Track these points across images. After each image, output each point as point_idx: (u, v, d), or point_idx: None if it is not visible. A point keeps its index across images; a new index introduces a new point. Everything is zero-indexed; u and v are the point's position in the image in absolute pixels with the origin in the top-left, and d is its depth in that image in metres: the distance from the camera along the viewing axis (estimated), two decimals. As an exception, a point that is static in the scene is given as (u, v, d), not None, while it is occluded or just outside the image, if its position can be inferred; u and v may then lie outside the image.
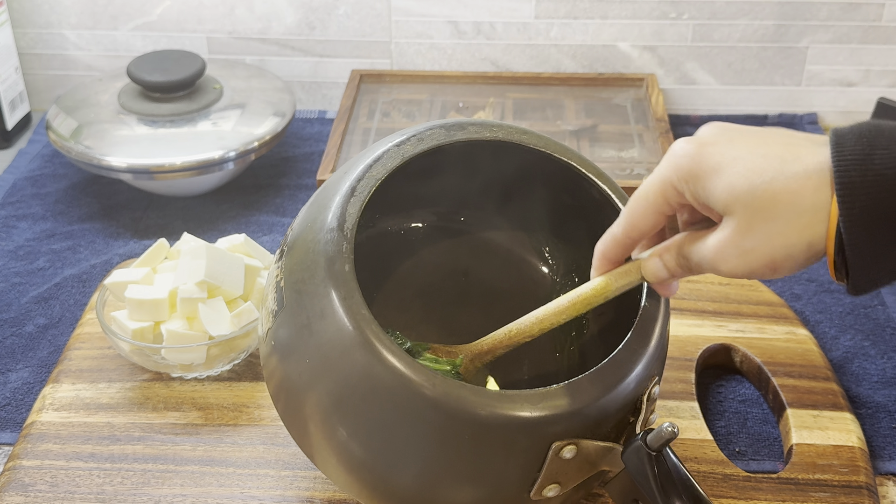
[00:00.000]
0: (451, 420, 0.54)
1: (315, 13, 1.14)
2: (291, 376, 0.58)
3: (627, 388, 0.56)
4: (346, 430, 0.56)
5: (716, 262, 0.51)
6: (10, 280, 0.92)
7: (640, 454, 0.55)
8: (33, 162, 1.10)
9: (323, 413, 0.56)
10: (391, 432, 0.55)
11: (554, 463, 0.55)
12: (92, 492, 0.68)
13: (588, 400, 0.55)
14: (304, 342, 0.56)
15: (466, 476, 0.56)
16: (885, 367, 0.80)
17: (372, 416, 0.55)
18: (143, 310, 0.74)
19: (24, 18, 1.16)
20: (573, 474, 0.57)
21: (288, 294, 0.58)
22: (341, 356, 0.55)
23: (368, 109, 1.09)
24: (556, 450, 0.55)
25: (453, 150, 0.63)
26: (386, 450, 0.56)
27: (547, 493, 0.57)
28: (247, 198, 1.03)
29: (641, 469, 0.55)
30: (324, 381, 0.56)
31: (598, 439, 0.56)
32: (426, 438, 0.55)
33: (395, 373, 0.53)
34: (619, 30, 1.13)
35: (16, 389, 0.79)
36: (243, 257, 0.78)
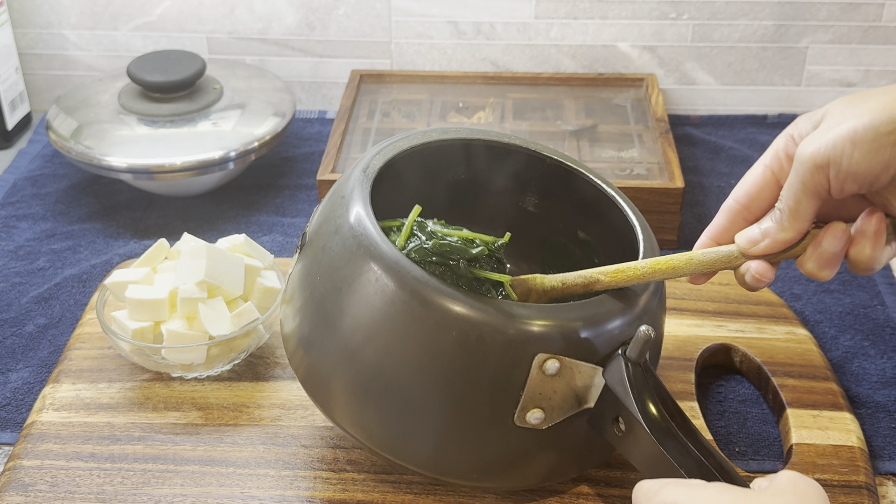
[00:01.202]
0: (439, 320, 0.56)
1: (315, 13, 1.15)
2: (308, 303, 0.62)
3: (615, 322, 0.59)
4: (346, 322, 0.59)
5: (801, 148, 0.54)
6: (10, 280, 0.92)
7: (618, 366, 0.58)
8: (33, 162, 1.10)
9: (325, 311, 0.61)
10: (383, 334, 0.58)
11: (537, 378, 0.57)
12: (92, 492, 0.68)
13: (573, 320, 0.57)
14: (317, 262, 0.62)
15: (453, 384, 0.57)
16: (885, 367, 0.80)
17: (366, 314, 0.58)
18: (143, 310, 0.74)
19: (24, 18, 1.16)
20: (557, 401, 0.58)
21: (308, 240, 0.64)
22: (345, 260, 0.60)
23: (368, 109, 1.09)
24: (539, 362, 0.57)
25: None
26: (383, 345, 0.58)
27: (530, 419, 0.58)
28: (247, 198, 1.03)
29: (620, 379, 0.57)
30: (329, 288, 0.60)
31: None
32: (417, 334, 0.57)
33: (385, 267, 0.58)
34: (619, 30, 1.13)
35: (16, 389, 0.79)
36: (243, 257, 0.78)
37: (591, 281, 0.62)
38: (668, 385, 0.75)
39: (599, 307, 0.59)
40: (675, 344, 0.79)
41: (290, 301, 0.65)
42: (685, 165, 1.06)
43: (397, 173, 0.67)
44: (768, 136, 1.13)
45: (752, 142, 1.12)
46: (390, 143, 0.67)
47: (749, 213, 0.60)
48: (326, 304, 0.60)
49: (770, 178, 0.59)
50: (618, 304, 0.60)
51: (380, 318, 0.58)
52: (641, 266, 0.61)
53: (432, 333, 0.57)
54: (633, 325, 0.60)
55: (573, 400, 0.59)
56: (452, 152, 0.70)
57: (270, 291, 0.78)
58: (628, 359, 0.58)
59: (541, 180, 0.73)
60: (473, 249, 0.62)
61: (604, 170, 0.98)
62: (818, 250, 0.56)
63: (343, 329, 0.59)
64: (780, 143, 0.59)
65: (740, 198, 0.60)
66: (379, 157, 0.66)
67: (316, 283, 0.61)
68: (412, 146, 0.67)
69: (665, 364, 0.77)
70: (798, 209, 0.55)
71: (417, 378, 0.58)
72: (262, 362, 0.79)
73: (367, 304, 0.58)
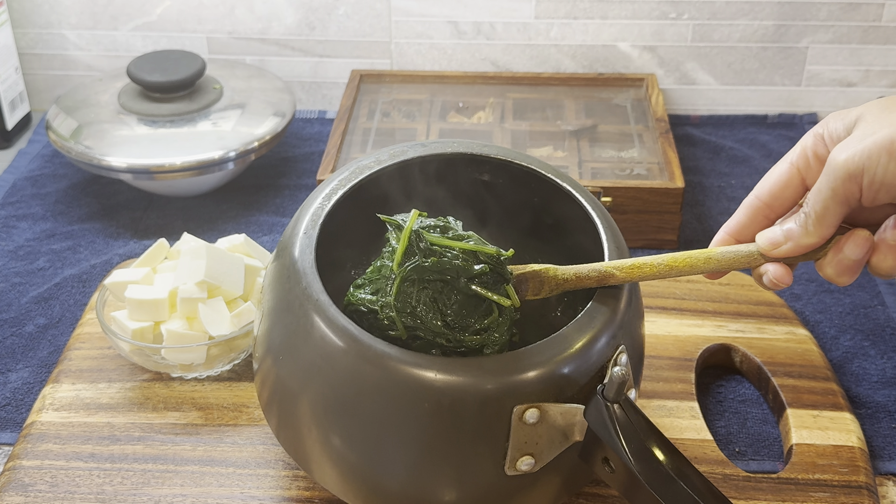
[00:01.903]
0: (407, 393, 0.55)
1: (315, 13, 1.14)
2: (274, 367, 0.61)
3: (587, 353, 0.57)
4: (309, 400, 0.58)
5: (835, 154, 0.52)
6: (10, 280, 0.92)
7: (598, 408, 0.56)
8: (33, 162, 1.10)
9: (283, 383, 0.60)
10: (355, 408, 0.57)
11: (519, 430, 0.56)
12: (92, 492, 0.68)
13: (543, 363, 0.56)
14: (277, 338, 0.60)
15: (435, 450, 0.56)
16: (885, 367, 0.80)
17: (333, 394, 0.57)
18: (143, 310, 0.74)
19: (24, 18, 1.16)
20: (544, 446, 0.57)
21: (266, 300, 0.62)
22: (303, 339, 0.58)
23: (368, 109, 1.09)
24: (518, 414, 0.55)
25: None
26: (356, 430, 0.57)
27: (521, 466, 0.57)
28: (247, 198, 1.03)
29: (602, 421, 0.56)
30: (290, 363, 0.59)
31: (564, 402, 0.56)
32: (387, 415, 0.56)
33: (344, 348, 0.56)
34: (619, 30, 1.13)
35: (16, 389, 0.79)
36: (243, 257, 0.78)
37: (606, 275, 0.60)
38: (668, 385, 0.75)
39: (568, 344, 0.57)
40: (675, 344, 0.79)
41: (259, 360, 0.64)
42: (685, 165, 1.06)
43: (345, 220, 0.66)
44: (768, 136, 1.13)
45: (752, 142, 1.12)
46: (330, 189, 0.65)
47: (771, 211, 0.59)
48: (292, 384, 0.59)
49: (795, 177, 0.58)
50: (586, 334, 0.57)
51: (351, 396, 0.56)
52: (658, 262, 0.59)
53: (405, 407, 0.55)
54: (609, 347, 0.58)
55: (560, 438, 0.57)
56: (399, 178, 0.68)
57: (270, 291, 0.78)
58: (607, 399, 0.56)
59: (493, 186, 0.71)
60: (475, 266, 0.59)
61: (604, 170, 0.98)
62: (839, 256, 0.55)
63: (314, 407, 0.58)
64: (807, 142, 0.57)
65: (763, 195, 0.59)
66: (317, 212, 0.63)
67: (279, 359, 0.60)
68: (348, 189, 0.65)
69: (665, 364, 0.77)
70: (825, 215, 0.54)
71: (397, 450, 0.57)
72: (262, 362, 0.79)
73: (332, 382, 0.57)
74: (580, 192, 0.66)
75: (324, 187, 0.65)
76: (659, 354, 0.78)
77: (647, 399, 0.75)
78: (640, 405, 0.74)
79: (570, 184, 0.66)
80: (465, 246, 0.60)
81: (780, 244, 0.56)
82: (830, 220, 0.54)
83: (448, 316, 0.59)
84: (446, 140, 0.70)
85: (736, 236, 0.60)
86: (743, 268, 0.58)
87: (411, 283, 0.59)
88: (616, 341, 0.58)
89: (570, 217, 0.67)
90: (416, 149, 0.68)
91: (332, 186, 0.65)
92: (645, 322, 0.65)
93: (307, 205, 0.64)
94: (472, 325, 0.59)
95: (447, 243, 0.60)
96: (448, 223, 0.62)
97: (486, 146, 0.69)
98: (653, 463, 0.55)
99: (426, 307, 0.59)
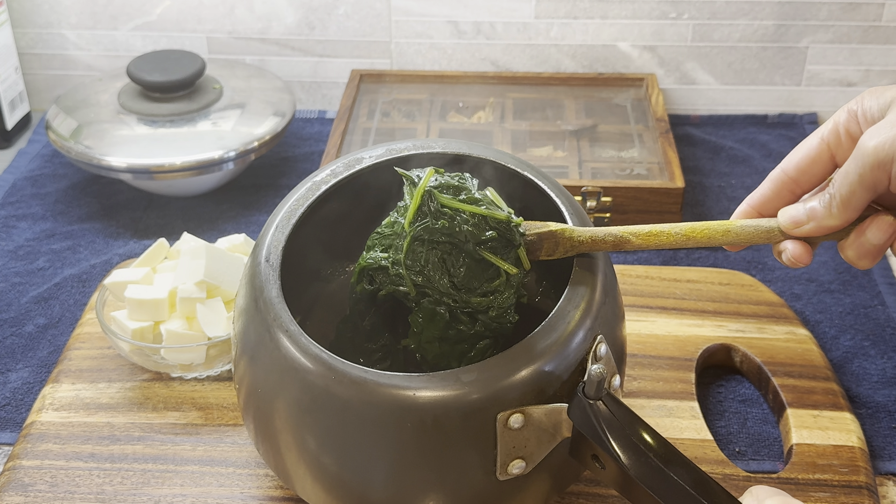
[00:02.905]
0: (389, 414, 0.54)
1: (315, 13, 1.14)
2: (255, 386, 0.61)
3: (563, 350, 0.56)
4: (293, 437, 0.58)
5: (865, 139, 0.51)
6: (10, 280, 0.92)
7: (581, 407, 0.55)
8: (33, 162, 1.10)
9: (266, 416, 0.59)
10: (338, 435, 0.56)
11: (506, 436, 0.55)
12: (92, 492, 0.68)
13: (521, 367, 0.55)
14: (251, 371, 0.60)
15: (424, 466, 0.56)
16: (885, 367, 0.80)
17: (310, 418, 0.56)
18: (142, 310, 0.74)
19: (24, 18, 1.16)
20: (534, 447, 0.56)
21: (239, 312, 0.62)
22: (277, 375, 0.57)
23: (368, 109, 1.09)
24: (503, 420, 0.55)
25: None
26: (343, 456, 0.57)
27: (513, 470, 0.57)
28: (247, 198, 1.03)
29: (586, 421, 0.55)
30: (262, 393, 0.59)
31: (546, 403, 0.56)
32: (370, 437, 0.55)
33: (317, 375, 0.55)
34: (619, 30, 1.13)
35: (16, 389, 0.79)
36: (243, 257, 0.78)
37: (622, 240, 0.59)
38: (668, 385, 0.75)
39: (544, 344, 0.56)
40: (675, 344, 0.79)
41: (238, 388, 0.63)
42: (685, 165, 1.06)
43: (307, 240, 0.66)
44: (768, 136, 1.13)
45: (752, 142, 1.12)
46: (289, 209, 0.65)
47: (797, 187, 0.58)
48: (274, 418, 0.59)
49: (825, 153, 0.57)
50: (560, 332, 0.57)
51: (329, 420, 0.56)
52: (675, 231, 0.58)
53: (389, 428, 0.55)
54: (587, 340, 0.57)
55: (549, 437, 0.57)
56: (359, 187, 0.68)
57: (270, 291, 0.77)
58: (588, 397, 0.55)
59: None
60: (486, 232, 0.59)
61: (604, 170, 0.98)
62: (861, 239, 0.54)
63: (296, 436, 0.58)
64: (840, 118, 0.56)
65: (790, 170, 0.58)
66: (278, 233, 0.63)
67: (256, 392, 0.60)
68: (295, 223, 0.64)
69: (665, 364, 0.77)
70: (850, 200, 0.53)
71: (385, 469, 0.57)
72: (262, 362, 0.79)
73: (312, 414, 0.56)
74: (554, 189, 0.65)
75: (303, 185, 0.66)
76: (659, 354, 0.78)
77: (647, 399, 0.75)
78: (641, 405, 0.74)
79: (547, 183, 0.65)
80: (475, 210, 0.59)
81: (802, 223, 0.56)
82: (856, 204, 0.53)
83: (455, 277, 0.59)
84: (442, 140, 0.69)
85: (759, 209, 0.59)
86: (762, 243, 0.58)
87: (421, 243, 0.59)
88: (593, 332, 0.58)
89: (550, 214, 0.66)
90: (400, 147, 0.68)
91: (314, 182, 0.66)
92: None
93: (284, 202, 0.64)
94: (479, 287, 0.59)
95: (458, 206, 0.59)
96: (463, 182, 0.61)
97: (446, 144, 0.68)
98: (641, 457, 0.54)
99: (434, 267, 0.59)
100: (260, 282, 0.60)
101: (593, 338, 0.58)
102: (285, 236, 0.62)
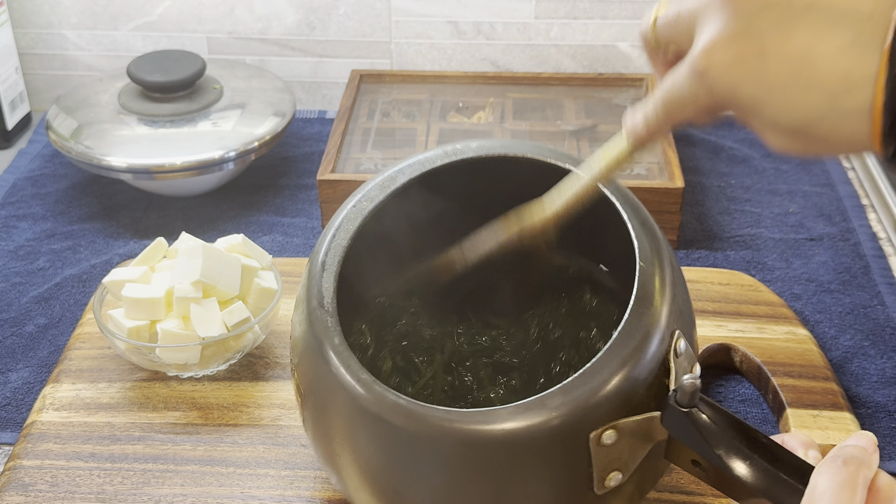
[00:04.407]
0: (476, 451, 0.53)
1: (315, 13, 1.15)
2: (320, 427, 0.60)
3: (644, 355, 0.54)
4: (380, 485, 0.57)
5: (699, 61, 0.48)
6: (10, 280, 0.92)
7: (675, 416, 0.53)
8: (33, 162, 1.10)
9: (353, 472, 0.58)
10: (424, 481, 0.55)
11: (601, 453, 0.54)
12: (92, 492, 0.68)
13: (604, 383, 0.53)
14: (320, 406, 0.58)
15: (519, 493, 0.55)
16: (885, 367, 0.80)
17: (399, 469, 0.56)
18: (139, 308, 0.74)
19: (24, 18, 1.16)
20: (628, 457, 0.55)
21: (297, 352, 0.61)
22: (346, 419, 0.56)
23: (368, 109, 1.09)
24: (596, 439, 0.53)
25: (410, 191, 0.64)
26: (435, 494, 0.56)
27: (610, 483, 0.55)
28: (247, 198, 1.03)
29: (683, 430, 0.53)
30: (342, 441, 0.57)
31: (636, 412, 0.54)
32: (458, 474, 0.54)
33: (401, 426, 0.54)
34: (619, 30, 1.13)
35: (16, 389, 0.79)
36: (240, 257, 0.78)
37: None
38: (668, 385, 0.75)
39: (622, 350, 0.54)
40: (675, 344, 0.79)
41: (306, 420, 0.62)
42: (685, 165, 1.06)
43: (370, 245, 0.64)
44: (768, 136, 1.13)
45: (752, 142, 1.12)
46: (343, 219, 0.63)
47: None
48: (345, 458, 0.58)
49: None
50: (637, 338, 0.55)
51: (406, 462, 0.55)
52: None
53: (478, 464, 0.54)
54: (664, 342, 0.55)
55: (642, 444, 0.55)
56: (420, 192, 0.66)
57: (267, 292, 0.77)
58: (682, 406, 0.53)
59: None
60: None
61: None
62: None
63: (363, 470, 0.57)
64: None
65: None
66: (334, 251, 0.61)
67: (319, 426, 0.59)
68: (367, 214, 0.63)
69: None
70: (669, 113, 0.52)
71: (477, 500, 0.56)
72: (262, 362, 0.79)
73: (380, 446, 0.55)
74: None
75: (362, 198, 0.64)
76: (659, 354, 0.78)
77: (647, 399, 0.75)
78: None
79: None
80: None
81: (640, 134, 0.54)
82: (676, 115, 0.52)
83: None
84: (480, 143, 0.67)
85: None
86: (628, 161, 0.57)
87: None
88: (670, 329, 0.56)
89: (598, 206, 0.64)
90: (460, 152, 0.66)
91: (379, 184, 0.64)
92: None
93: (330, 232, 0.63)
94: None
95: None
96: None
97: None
98: (746, 460, 0.52)
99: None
100: (318, 330, 0.59)
101: (671, 334, 0.56)
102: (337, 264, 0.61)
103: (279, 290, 0.78)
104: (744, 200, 1.02)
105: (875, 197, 1.01)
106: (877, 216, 0.99)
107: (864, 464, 0.50)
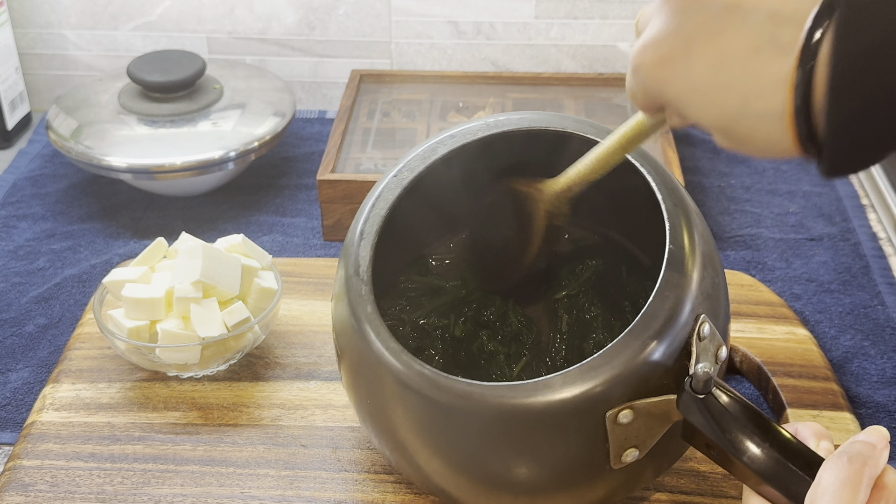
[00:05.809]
0: (497, 422, 0.55)
1: (315, 13, 1.15)
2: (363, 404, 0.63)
3: (664, 339, 0.55)
4: (410, 447, 0.60)
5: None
6: (10, 280, 0.92)
7: (690, 401, 0.54)
8: (33, 162, 1.10)
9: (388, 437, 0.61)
10: (458, 443, 0.57)
11: (617, 430, 0.55)
12: (92, 492, 0.68)
13: (624, 362, 0.54)
14: (358, 379, 0.62)
15: (538, 466, 0.57)
16: (885, 367, 0.80)
17: (423, 430, 0.58)
18: (139, 308, 0.74)
19: (24, 18, 1.16)
20: (645, 435, 0.56)
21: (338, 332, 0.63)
22: (380, 384, 0.59)
23: (368, 109, 1.09)
24: (612, 418, 0.54)
25: (446, 161, 0.65)
26: (460, 458, 0.58)
27: (627, 459, 0.56)
28: (247, 198, 1.03)
29: (697, 415, 0.54)
30: (377, 408, 0.61)
31: (654, 394, 0.55)
32: (485, 445, 0.56)
33: (425, 394, 0.57)
34: (619, 30, 1.13)
35: (16, 389, 0.79)
36: (240, 257, 0.78)
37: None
38: (668, 385, 0.75)
39: (643, 333, 0.55)
40: (675, 344, 0.79)
41: (343, 377, 0.64)
42: (685, 165, 1.06)
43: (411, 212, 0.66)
44: (768, 135, 1.13)
45: (752, 142, 1.12)
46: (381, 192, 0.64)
47: None
48: (397, 434, 0.60)
49: None
50: (659, 321, 0.55)
51: (441, 430, 0.58)
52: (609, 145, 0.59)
53: (499, 433, 0.56)
54: (687, 325, 0.56)
55: (660, 424, 0.56)
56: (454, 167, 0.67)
57: (267, 292, 0.77)
58: (696, 392, 0.54)
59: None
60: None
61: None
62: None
63: (406, 435, 0.60)
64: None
65: None
66: (370, 224, 0.63)
67: (352, 385, 0.63)
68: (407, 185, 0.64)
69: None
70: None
71: (499, 469, 0.58)
72: (262, 362, 0.79)
73: (416, 416, 0.58)
74: (638, 158, 0.63)
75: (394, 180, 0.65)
76: (659, 354, 0.78)
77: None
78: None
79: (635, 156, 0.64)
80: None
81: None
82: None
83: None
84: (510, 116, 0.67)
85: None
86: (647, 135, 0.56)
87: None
88: (694, 313, 0.56)
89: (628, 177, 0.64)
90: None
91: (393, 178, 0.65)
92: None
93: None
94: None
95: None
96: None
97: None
98: (758, 448, 0.53)
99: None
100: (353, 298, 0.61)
101: (695, 318, 0.56)
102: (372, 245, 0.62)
103: (279, 291, 0.78)
104: (744, 200, 1.02)
105: (875, 197, 1.01)
106: (877, 216, 0.99)
107: (870, 461, 0.50)
